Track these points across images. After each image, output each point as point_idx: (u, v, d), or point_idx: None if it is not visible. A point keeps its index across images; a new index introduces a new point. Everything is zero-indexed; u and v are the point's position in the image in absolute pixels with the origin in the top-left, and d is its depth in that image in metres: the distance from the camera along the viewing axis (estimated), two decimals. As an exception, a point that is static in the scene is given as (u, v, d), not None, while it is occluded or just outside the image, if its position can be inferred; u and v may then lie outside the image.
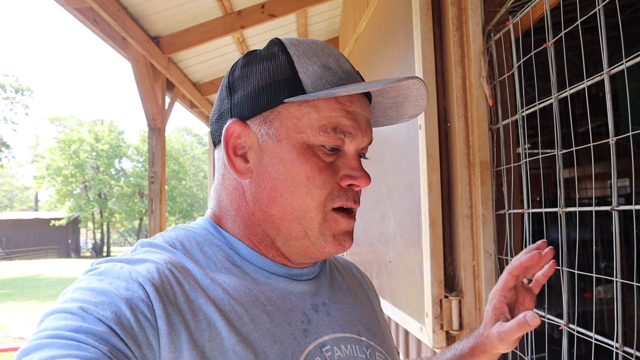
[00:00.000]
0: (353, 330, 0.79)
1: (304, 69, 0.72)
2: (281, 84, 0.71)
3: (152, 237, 0.76)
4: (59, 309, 0.58)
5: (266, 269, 0.75)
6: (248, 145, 0.74)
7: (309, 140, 0.71)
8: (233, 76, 0.77)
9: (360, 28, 2.80)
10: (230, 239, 0.75)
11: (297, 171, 0.71)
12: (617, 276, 0.94)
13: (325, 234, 0.73)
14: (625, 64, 0.91)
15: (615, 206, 0.95)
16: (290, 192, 0.71)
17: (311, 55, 0.73)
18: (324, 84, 0.71)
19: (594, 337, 1.01)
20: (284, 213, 0.72)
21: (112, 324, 0.57)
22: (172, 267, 0.67)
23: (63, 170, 31.43)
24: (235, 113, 0.74)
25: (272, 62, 0.73)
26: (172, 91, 5.24)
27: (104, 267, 0.66)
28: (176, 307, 0.63)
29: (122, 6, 3.43)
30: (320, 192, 0.71)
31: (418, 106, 0.80)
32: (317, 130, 0.71)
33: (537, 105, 1.25)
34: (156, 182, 4.79)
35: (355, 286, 0.90)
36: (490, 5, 1.56)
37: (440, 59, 1.68)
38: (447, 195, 1.66)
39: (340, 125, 0.71)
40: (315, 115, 0.71)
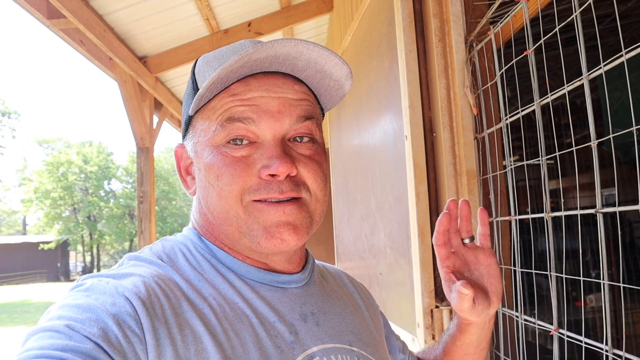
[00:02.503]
0: (343, 340, 0.77)
1: (201, 79, 0.75)
2: (188, 100, 0.76)
3: (139, 250, 0.76)
4: (44, 327, 0.57)
5: (251, 278, 0.74)
6: (190, 163, 0.79)
7: (214, 141, 0.72)
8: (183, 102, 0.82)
9: (346, 43, 2.83)
10: (212, 248, 0.76)
11: (208, 174, 0.72)
12: (604, 278, 0.94)
13: (254, 228, 0.70)
14: (604, 68, 0.93)
15: (600, 208, 0.95)
16: (211, 197, 0.72)
17: (213, 61, 0.75)
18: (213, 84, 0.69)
19: (584, 341, 1.01)
20: (214, 217, 0.73)
21: (99, 341, 0.56)
22: (159, 280, 0.66)
23: (51, 193, 31.15)
24: (182, 137, 0.81)
25: (188, 83, 0.78)
26: (160, 110, 5.24)
27: (89, 283, 0.65)
28: (163, 321, 0.62)
29: (108, 26, 3.44)
30: (230, 187, 0.69)
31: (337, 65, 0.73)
32: (216, 128, 0.71)
33: (520, 112, 1.26)
34: (145, 202, 4.76)
35: (345, 295, 0.89)
36: (472, 17, 1.58)
37: (424, 70, 1.70)
38: (435, 205, 1.66)
39: (233, 114, 0.70)
40: (213, 115, 0.72)
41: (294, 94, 0.73)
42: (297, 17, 4.20)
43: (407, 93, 1.68)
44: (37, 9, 3.05)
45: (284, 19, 4.20)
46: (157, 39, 3.90)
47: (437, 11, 1.63)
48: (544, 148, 1.18)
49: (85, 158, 33.14)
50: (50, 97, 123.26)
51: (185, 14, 3.63)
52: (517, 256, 1.34)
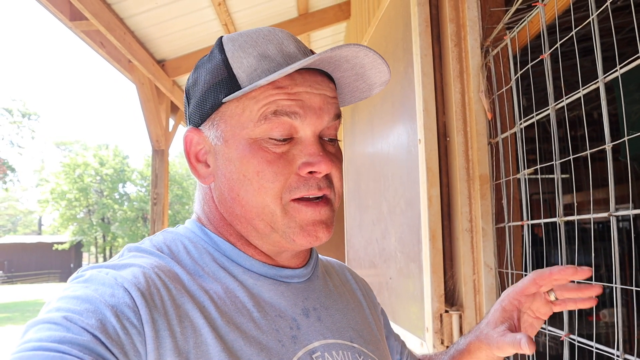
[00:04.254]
0: (345, 336, 0.77)
1: (238, 64, 0.71)
2: (219, 84, 0.72)
3: (139, 241, 0.75)
4: (42, 319, 0.57)
5: (254, 271, 0.73)
6: (206, 151, 0.76)
7: (253, 134, 0.70)
8: (187, 84, 0.79)
9: (362, 49, 2.84)
10: (216, 240, 0.75)
11: (246, 168, 0.70)
12: (616, 282, 0.93)
13: (291, 226, 0.70)
14: (620, 70, 0.93)
15: (613, 212, 0.95)
16: (245, 190, 0.70)
17: (247, 47, 0.72)
18: (259, 74, 0.69)
19: (594, 347, 1.00)
20: (245, 211, 0.71)
21: (97, 332, 0.55)
22: (159, 271, 0.66)
23: (67, 194, 31.56)
24: (191, 121, 0.77)
25: (211, 63, 0.74)
26: (177, 114, 5.30)
27: (89, 274, 0.64)
28: (162, 313, 0.62)
29: (128, 29, 3.50)
30: (272, 185, 0.69)
31: (381, 72, 0.75)
32: (258, 120, 0.69)
33: (535, 116, 1.26)
34: (159, 204, 4.80)
35: (348, 292, 0.88)
36: (488, 22, 1.58)
37: (439, 74, 1.70)
38: (447, 209, 1.66)
39: (280, 107, 0.68)
40: (254, 106, 0.69)
41: (330, 92, 0.74)
42: (314, 24, 4.24)
43: (422, 97, 1.68)
44: (60, 10, 3.12)
45: (301, 26, 4.23)
46: (175, 43, 3.96)
47: (453, 16, 1.63)
48: (557, 151, 1.18)
49: (101, 161, 33.54)
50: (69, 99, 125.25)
51: (204, 19, 3.68)
52: (529, 262, 1.33)
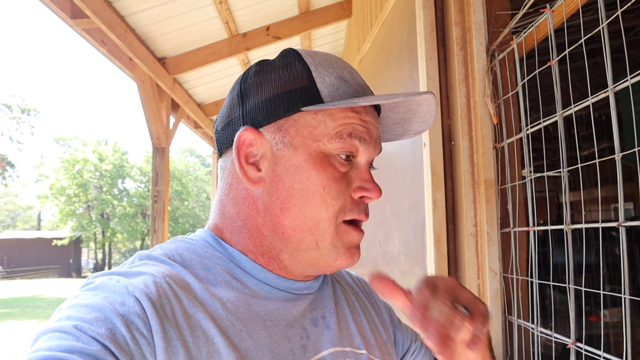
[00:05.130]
0: (352, 343, 0.77)
1: (321, 79, 0.71)
2: (298, 92, 0.70)
3: (150, 249, 0.74)
4: (52, 327, 0.57)
5: (268, 283, 0.73)
6: (260, 154, 0.72)
7: (325, 148, 0.70)
8: (245, 84, 0.75)
9: (365, 49, 2.83)
10: (231, 252, 0.73)
11: (314, 180, 0.69)
12: (625, 293, 0.93)
13: (337, 246, 0.71)
14: (630, 80, 0.92)
15: (622, 222, 0.94)
16: (305, 202, 0.69)
17: (327, 66, 0.73)
18: (340, 95, 0.71)
19: (602, 356, 1.00)
20: (296, 223, 0.70)
21: (107, 342, 0.55)
22: (170, 280, 0.65)
23: (66, 190, 31.52)
24: (248, 120, 0.72)
25: (289, 70, 0.72)
26: (177, 111, 5.28)
27: (99, 281, 0.64)
28: (174, 322, 0.61)
29: (129, 27, 3.49)
30: (334, 202, 0.70)
31: (425, 123, 0.80)
32: (333, 137, 0.70)
33: (542, 123, 1.25)
34: (159, 201, 4.80)
35: (353, 296, 0.88)
36: (494, 26, 1.58)
37: (444, 78, 1.69)
38: (452, 213, 1.65)
39: (355, 131, 0.71)
40: (331, 123, 0.70)
41: (379, 129, 0.77)
42: (315, 23, 4.22)
43: (427, 100, 1.67)
44: (61, 8, 3.10)
45: (302, 24, 4.22)
46: (176, 41, 3.94)
47: (459, 20, 1.62)
48: (565, 159, 1.17)
49: (100, 156, 33.50)
50: (69, 95, 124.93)
51: (205, 17, 3.67)
52: (535, 267, 1.33)
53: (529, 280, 1.36)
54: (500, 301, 1.50)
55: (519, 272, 1.42)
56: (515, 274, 1.42)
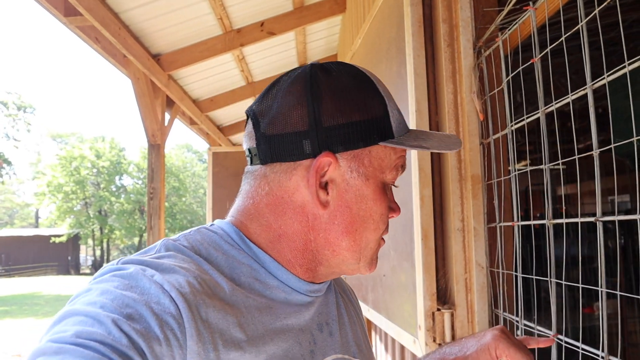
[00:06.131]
0: (350, 351, 0.80)
1: (391, 112, 0.73)
2: (376, 123, 0.71)
3: (175, 236, 0.73)
4: (84, 311, 0.55)
5: (289, 284, 0.73)
6: (329, 178, 0.71)
7: (385, 179, 0.74)
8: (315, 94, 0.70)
9: (356, 45, 2.84)
10: (256, 251, 0.73)
11: (376, 209, 0.73)
12: (602, 286, 0.95)
13: (373, 258, 0.77)
14: (607, 78, 0.94)
15: (600, 217, 0.96)
16: (364, 227, 0.73)
17: (390, 97, 0.76)
18: (402, 130, 0.75)
19: (580, 347, 1.02)
20: (352, 245, 0.73)
21: (140, 341, 0.53)
22: (202, 281, 0.64)
23: (64, 187, 31.50)
24: (324, 142, 0.69)
25: (365, 96, 0.72)
26: (172, 108, 5.29)
27: (133, 271, 0.61)
28: (207, 326, 0.60)
29: (123, 24, 3.49)
30: (384, 227, 0.76)
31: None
32: (392, 169, 0.75)
33: (525, 119, 1.27)
34: (155, 198, 4.81)
35: (348, 304, 0.90)
36: (481, 22, 1.59)
37: (432, 74, 1.71)
38: (439, 209, 1.67)
39: (404, 164, 0.77)
40: (393, 156, 0.74)
41: None
42: (309, 18, 4.23)
43: (415, 97, 1.69)
44: (54, 6, 3.10)
45: (296, 20, 4.22)
46: (170, 37, 3.94)
47: (446, 16, 1.64)
48: (547, 155, 1.19)
49: (97, 153, 33.47)
50: (65, 92, 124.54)
51: (199, 13, 3.67)
52: (519, 261, 1.35)
53: (515, 274, 1.38)
54: (486, 295, 1.52)
55: (504, 266, 1.44)
56: (501, 268, 1.45)
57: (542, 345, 0.91)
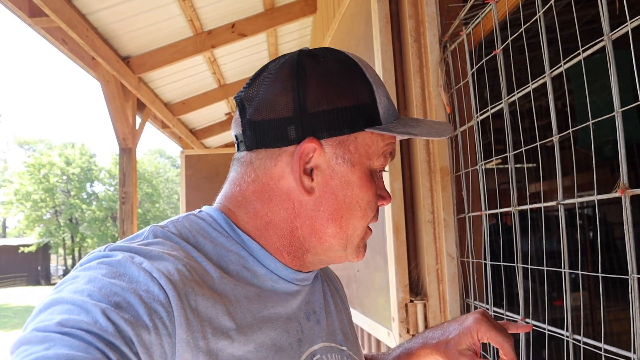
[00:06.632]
0: (336, 339, 0.80)
1: (379, 99, 0.73)
2: (363, 109, 0.71)
3: (163, 223, 0.72)
4: (71, 299, 0.54)
5: (276, 272, 0.73)
6: (314, 164, 0.71)
7: (372, 165, 0.73)
8: (301, 80, 0.70)
9: (327, 42, 2.86)
10: (244, 238, 0.72)
11: (363, 196, 0.73)
12: (565, 267, 0.98)
13: (360, 246, 0.77)
14: (564, 66, 0.97)
15: (561, 200, 1.00)
16: (350, 214, 0.73)
17: (379, 84, 0.75)
18: (390, 117, 0.74)
19: (547, 329, 1.05)
20: (338, 232, 0.73)
21: (127, 329, 0.53)
22: (191, 268, 0.63)
23: (32, 195, 30.74)
24: (308, 128, 0.69)
25: (352, 82, 0.71)
26: (143, 111, 5.23)
27: (121, 259, 0.60)
28: (196, 314, 0.60)
29: (91, 26, 3.44)
30: (372, 214, 0.75)
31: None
32: (380, 155, 0.74)
33: (490, 109, 1.30)
34: (127, 203, 4.74)
35: (334, 292, 0.91)
36: (447, 18, 1.63)
37: (400, 69, 1.74)
38: (410, 201, 1.70)
39: (393, 151, 0.77)
40: (381, 143, 0.74)
41: None
42: (280, 19, 4.24)
43: (384, 92, 1.71)
44: (18, 7, 3.04)
45: (267, 21, 4.23)
46: (140, 39, 3.90)
47: (412, 12, 1.67)
48: (511, 145, 1.23)
49: (67, 160, 32.77)
50: (31, 97, 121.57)
51: (169, 15, 3.64)
52: (487, 250, 1.38)
53: (484, 262, 1.41)
54: (457, 285, 1.55)
55: (474, 256, 1.47)
56: (471, 257, 1.48)
57: (520, 331, 0.92)
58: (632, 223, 0.79)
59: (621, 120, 0.77)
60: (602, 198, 0.86)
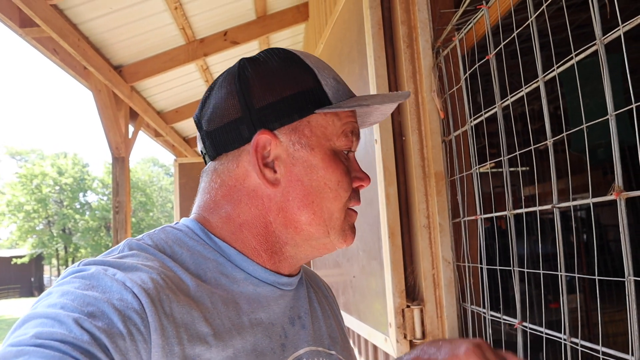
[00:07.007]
0: (324, 344, 0.80)
1: (324, 81, 0.75)
2: (309, 94, 0.73)
3: (139, 236, 0.73)
4: (45, 313, 0.54)
5: (256, 276, 0.74)
6: (274, 156, 0.73)
7: (335, 146, 0.75)
8: (242, 82, 0.74)
9: (319, 50, 2.87)
10: (220, 245, 0.73)
11: (330, 177, 0.73)
12: (561, 270, 0.98)
13: (345, 229, 0.77)
14: (557, 70, 0.98)
15: (556, 204, 1.00)
16: (321, 198, 0.73)
17: (323, 68, 0.77)
18: (341, 95, 0.76)
19: (544, 332, 1.05)
20: (313, 218, 0.73)
21: (102, 337, 0.53)
22: (165, 277, 0.64)
23: (25, 206, 30.52)
24: (258, 122, 0.72)
25: (293, 71, 0.74)
26: (136, 120, 5.21)
27: (94, 271, 0.61)
28: (171, 320, 0.60)
29: (82, 35, 3.43)
30: (346, 194, 0.75)
31: (384, 115, 0.86)
32: (340, 135, 0.75)
33: (484, 114, 1.31)
34: (121, 212, 4.72)
35: (323, 299, 0.91)
36: (439, 23, 1.63)
37: (393, 75, 1.74)
38: (405, 206, 1.70)
39: (354, 129, 0.77)
40: (338, 122, 0.75)
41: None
42: (272, 27, 4.25)
43: (377, 98, 1.71)
44: (9, 17, 3.02)
45: (259, 29, 4.23)
46: (132, 48, 3.89)
47: (405, 18, 1.68)
48: (505, 148, 1.23)
49: (59, 170, 32.59)
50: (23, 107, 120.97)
51: (161, 23, 3.64)
52: (484, 254, 1.38)
53: (480, 267, 1.41)
54: (454, 289, 1.55)
55: (470, 260, 1.47)
56: (467, 262, 1.48)
57: None
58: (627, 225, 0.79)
59: (615, 123, 0.77)
60: (597, 201, 0.86)
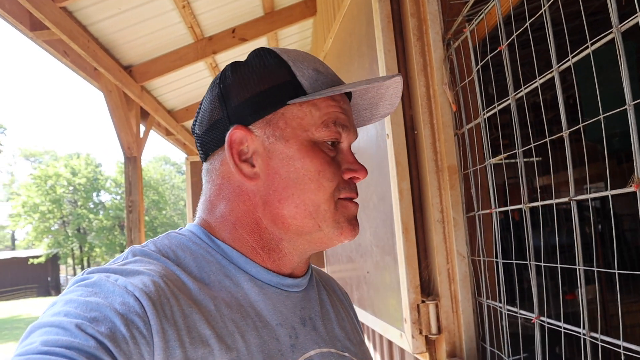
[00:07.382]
0: (337, 345, 0.79)
1: (300, 72, 0.75)
2: (282, 87, 0.74)
3: (143, 243, 0.74)
4: (50, 322, 0.55)
5: (260, 278, 0.74)
6: (252, 150, 0.74)
7: (313, 137, 0.74)
8: (224, 85, 0.77)
9: (328, 45, 2.86)
10: (223, 247, 0.74)
11: (308, 167, 0.72)
12: (579, 264, 0.97)
13: (339, 221, 0.75)
14: (572, 60, 0.96)
15: (573, 196, 0.98)
16: (302, 189, 0.72)
17: (302, 60, 0.77)
18: (320, 85, 0.75)
19: (562, 327, 1.03)
20: (296, 211, 0.73)
21: (106, 341, 0.54)
22: (167, 280, 0.65)
23: (40, 207, 30.88)
24: (234, 120, 0.74)
25: (268, 67, 0.75)
26: (147, 119, 5.23)
27: (97, 278, 0.62)
28: (172, 322, 0.61)
29: (92, 37, 3.45)
30: (330, 184, 0.74)
31: (391, 105, 0.85)
32: (320, 126, 0.74)
33: (497, 106, 1.29)
34: (134, 211, 4.75)
35: (337, 302, 0.90)
36: (449, 15, 1.61)
37: (403, 69, 1.72)
38: (419, 201, 1.68)
39: (338, 119, 0.76)
40: (316, 113, 0.74)
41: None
42: (280, 23, 4.23)
43: (388, 92, 1.70)
44: (19, 21, 3.04)
45: (267, 25, 4.22)
46: (141, 48, 3.91)
47: (414, 11, 1.66)
48: (519, 140, 1.21)
49: (73, 170, 32.92)
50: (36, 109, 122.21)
51: (169, 22, 3.64)
52: (499, 248, 1.36)
53: (495, 261, 1.40)
54: (470, 284, 1.54)
55: (485, 254, 1.46)
56: (482, 256, 1.46)
57: None
58: (648, 217, 0.77)
59: (634, 113, 0.75)
60: (616, 193, 0.84)
